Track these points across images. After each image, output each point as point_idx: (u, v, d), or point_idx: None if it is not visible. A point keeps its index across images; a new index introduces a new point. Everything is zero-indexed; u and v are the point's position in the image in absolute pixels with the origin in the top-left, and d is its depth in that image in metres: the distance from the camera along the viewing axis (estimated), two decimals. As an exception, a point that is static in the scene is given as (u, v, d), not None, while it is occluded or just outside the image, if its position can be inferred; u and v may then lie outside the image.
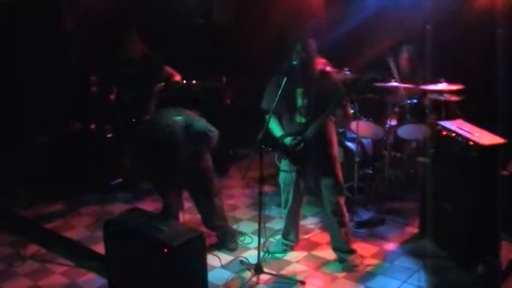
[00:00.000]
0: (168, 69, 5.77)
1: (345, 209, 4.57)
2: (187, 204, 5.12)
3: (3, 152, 5.95)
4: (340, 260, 4.60)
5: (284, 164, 4.63)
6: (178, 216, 4.82)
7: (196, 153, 4.58)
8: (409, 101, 5.87)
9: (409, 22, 6.30)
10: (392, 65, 6.10)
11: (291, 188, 4.62)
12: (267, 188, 5.97)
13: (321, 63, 4.58)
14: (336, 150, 4.58)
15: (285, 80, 4.22)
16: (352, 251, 4.60)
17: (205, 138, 4.47)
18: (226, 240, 4.88)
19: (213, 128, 4.51)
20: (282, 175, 4.67)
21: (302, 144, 4.36)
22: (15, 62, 6.12)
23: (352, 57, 6.16)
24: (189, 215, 5.35)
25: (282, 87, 4.21)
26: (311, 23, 6.81)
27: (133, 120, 5.56)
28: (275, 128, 4.49)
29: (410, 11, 6.37)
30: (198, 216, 5.00)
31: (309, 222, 5.33)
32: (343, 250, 4.58)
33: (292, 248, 4.84)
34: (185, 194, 4.93)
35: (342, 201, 4.55)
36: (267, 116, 4.39)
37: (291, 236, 4.84)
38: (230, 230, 4.98)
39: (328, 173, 4.47)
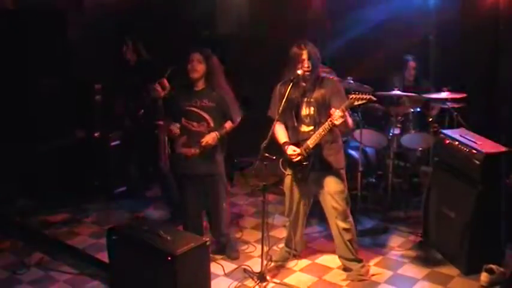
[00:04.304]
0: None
1: (351, 218, 4.52)
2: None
3: (7, 160, 5.97)
4: (346, 269, 4.58)
5: (289, 170, 4.56)
6: (202, 223, 4.86)
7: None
8: (412, 110, 5.88)
9: (411, 32, 6.33)
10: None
11: (295, 195, 4.57)
12: (270, 197, 6.00)
13: (325, 72, 4.59)
14: (341, 157, 4.51)
15: (289, 89, 4.22)
16: (359, 260, 4.57)
17: None
18: (227, 249, 4.88)
19: None
20: (287, 182, 4.62)
21: (304, 160, 4.33)
22: (20, 69, 6.14)
23: (356, 66, 6.19)
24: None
25: (285, 96, 4.22)
26: (314, 32, 6.84)
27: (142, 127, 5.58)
28: (280, 134, 4.48)
29: (412, 21, 6.40)
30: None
31: (314, 231, 5.33)
32: (349, 259, 4.55)
33: (295, 257, 4.81)
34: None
35: (348, 209, 4.49)
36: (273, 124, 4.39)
37: (294, 245, 4.76)
38: (232, 239, 4.97)
39: (333, 180, 4.42)
